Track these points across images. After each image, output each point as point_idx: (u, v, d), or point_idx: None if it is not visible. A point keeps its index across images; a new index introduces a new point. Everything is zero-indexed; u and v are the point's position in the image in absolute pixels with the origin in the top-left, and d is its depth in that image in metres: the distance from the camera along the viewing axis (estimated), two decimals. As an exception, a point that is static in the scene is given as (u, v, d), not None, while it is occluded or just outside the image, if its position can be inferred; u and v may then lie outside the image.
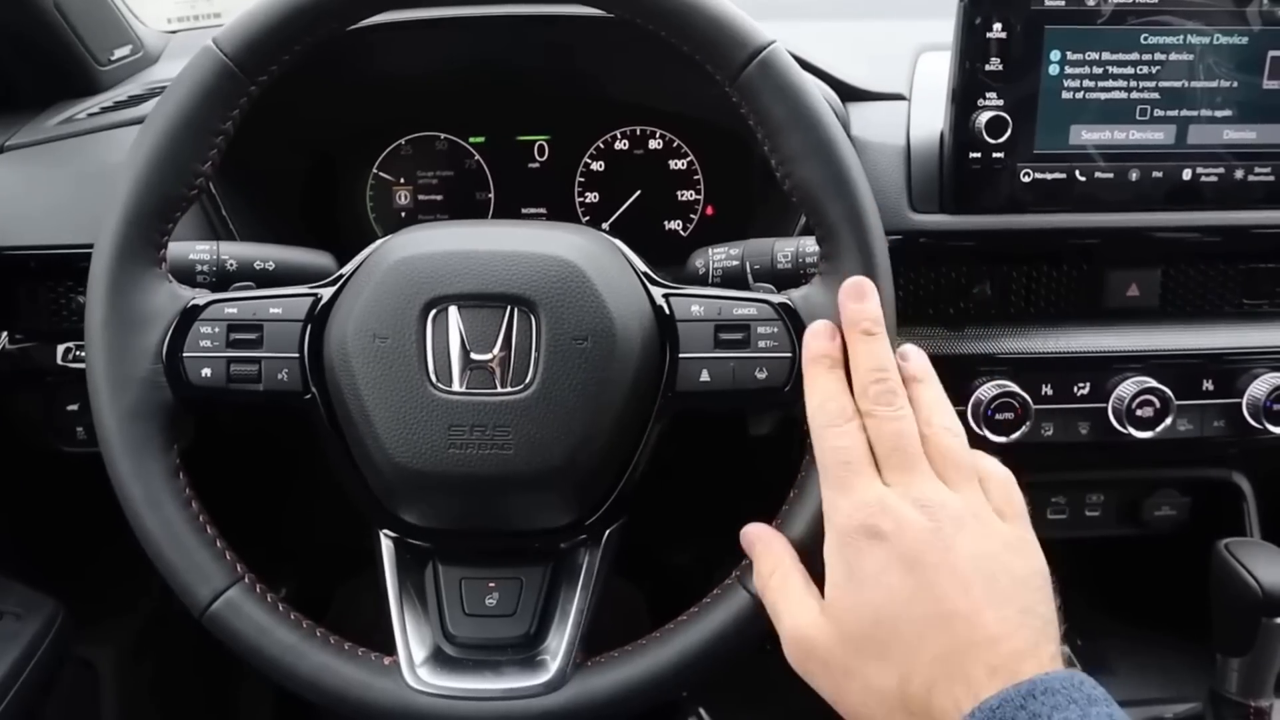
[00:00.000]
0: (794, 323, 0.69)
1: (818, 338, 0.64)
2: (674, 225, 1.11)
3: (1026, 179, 0.86)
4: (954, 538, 0.54)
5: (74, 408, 0.94)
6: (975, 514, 0.56)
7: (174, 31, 1.27)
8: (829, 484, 0.59)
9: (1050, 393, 0.90)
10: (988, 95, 0.84)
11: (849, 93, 0.95)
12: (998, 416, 0.88)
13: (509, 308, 0.67)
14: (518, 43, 1.02)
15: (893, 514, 0.55)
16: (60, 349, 0.93)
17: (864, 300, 0.64)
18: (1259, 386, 0.90)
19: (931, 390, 0.62)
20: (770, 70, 0.67)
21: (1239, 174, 0.87)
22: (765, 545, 0.65)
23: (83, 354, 0.69)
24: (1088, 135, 0.86)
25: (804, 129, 0.67)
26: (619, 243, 0.74)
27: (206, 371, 0.69)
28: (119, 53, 1.12)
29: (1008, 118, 0.84)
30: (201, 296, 0.70)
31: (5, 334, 0.93)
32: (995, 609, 0.52)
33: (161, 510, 0.67)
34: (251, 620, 0.68)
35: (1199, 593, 0.93)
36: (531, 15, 0.97)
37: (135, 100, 1.03)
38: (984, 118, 0.83)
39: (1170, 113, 0.86)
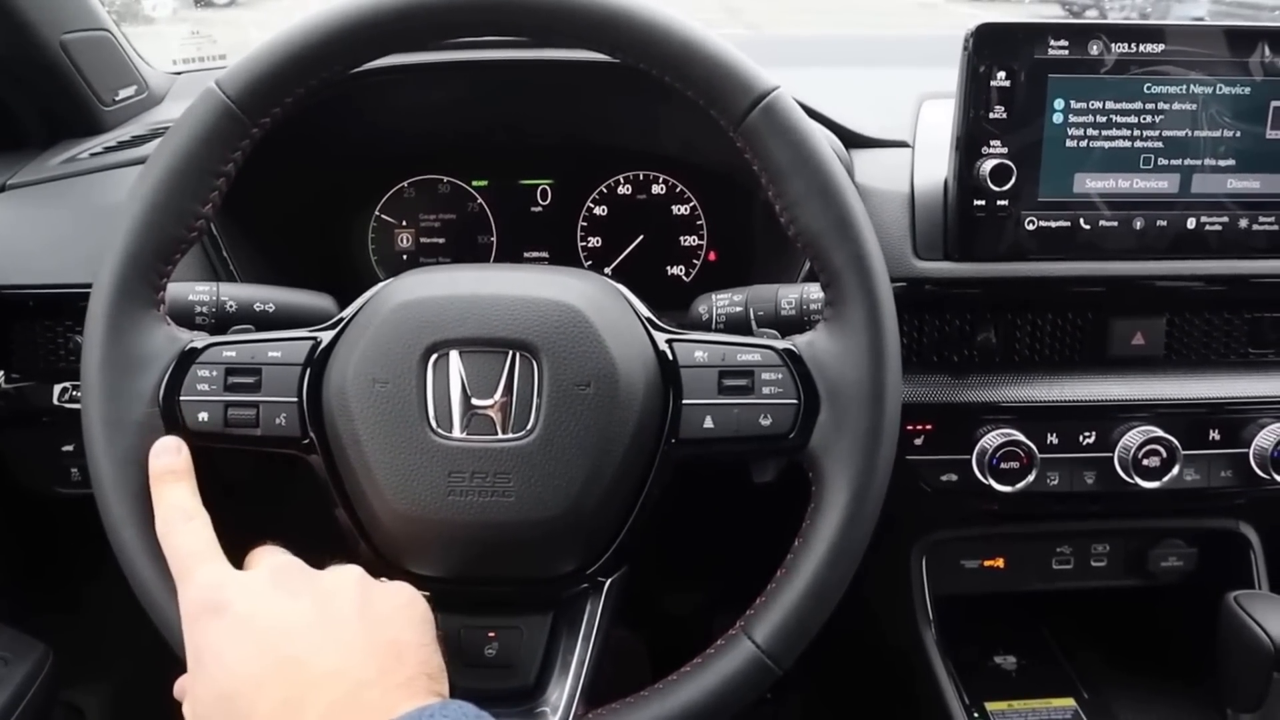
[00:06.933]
0: (799, 369, 0.68)
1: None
2: (676, 271, 1.11)
3: (1030, 226, 0.86)
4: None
5: (69, 448, 0.93)
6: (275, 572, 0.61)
7: (179, 73, 1.27)
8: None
9: (1055, 442, 0.90)
10: (992, 143, 0.84)
11: (853, 139, 0.95)
12: (1003, 465, 0.87)
13: (511, 353, 0.66)
14: (521, 87, 1.02)
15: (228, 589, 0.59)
16: (57, 389, 0.92)
17: None
18: (1266, 437, 0.89)
19: None
20: (774, 115, 0.66)
21: (1243, 223, 0.87)
22: None
23: (79, 395, 0.68)
24: (1091, 183, 0.86)
25: (808, 173, 0.66)
26: (621, 287, 0.73)
27: (203, 415, 0.68)
28: (124, 93, 1.13)
29: (1012, 165, 0.84)
30: (199, 339, 0.70)
31: (1, 373, 0.93)
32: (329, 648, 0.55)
33: (156, 557, 0.65)
34: None
35: (1207, 645, 0.91)
36: (536, 60, 0.98)
37: (138, 140, 1.04)
38: (988, 165, 0.83)
39: (1174, 162, 0.86)
